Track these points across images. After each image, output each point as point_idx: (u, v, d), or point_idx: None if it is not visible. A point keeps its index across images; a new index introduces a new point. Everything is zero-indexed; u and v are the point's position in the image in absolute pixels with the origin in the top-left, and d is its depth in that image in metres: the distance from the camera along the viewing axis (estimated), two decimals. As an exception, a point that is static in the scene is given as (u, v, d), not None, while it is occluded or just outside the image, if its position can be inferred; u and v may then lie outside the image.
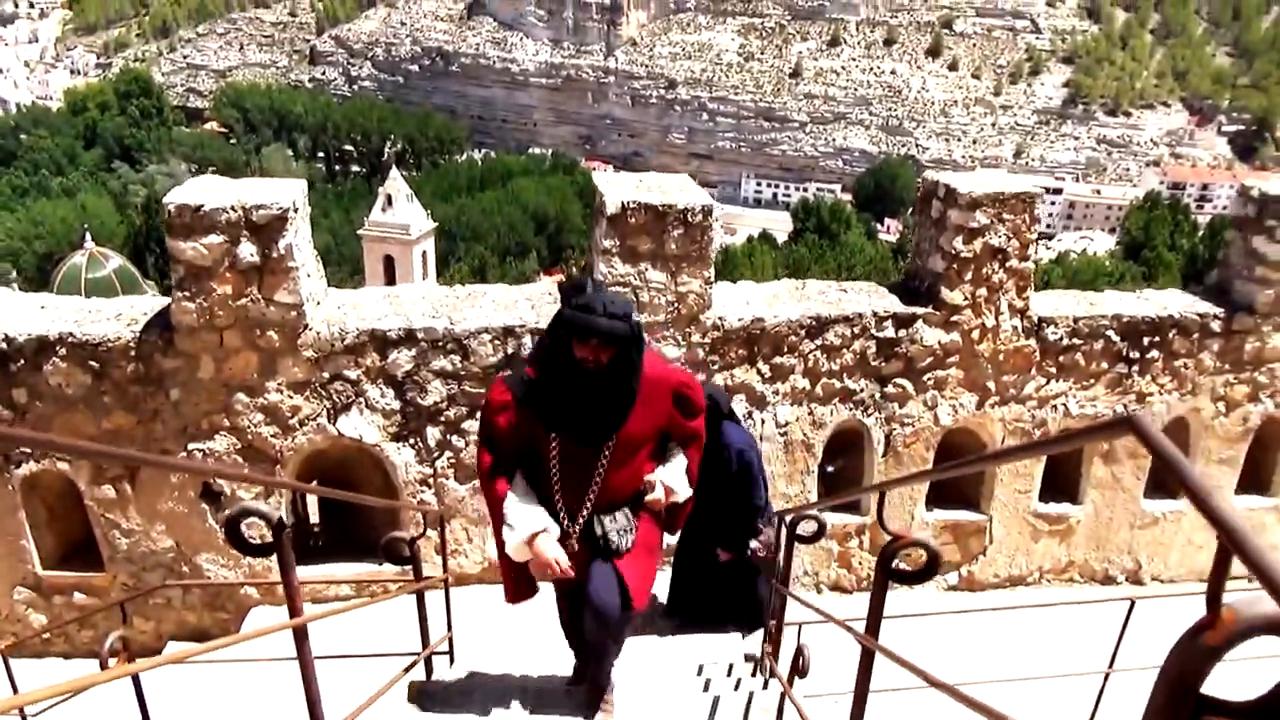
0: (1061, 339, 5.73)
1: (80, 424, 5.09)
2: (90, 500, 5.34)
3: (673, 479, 3.36)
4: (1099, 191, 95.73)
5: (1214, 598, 0.97)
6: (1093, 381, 5.85)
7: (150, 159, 78.08)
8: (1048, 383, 5.83)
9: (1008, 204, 5.39)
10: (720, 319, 5.37)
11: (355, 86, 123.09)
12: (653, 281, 5.20)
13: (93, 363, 4.98)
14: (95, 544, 5.50)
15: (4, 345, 4.92)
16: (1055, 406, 5.88)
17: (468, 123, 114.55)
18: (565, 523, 3.31)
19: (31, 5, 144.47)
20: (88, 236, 26.44)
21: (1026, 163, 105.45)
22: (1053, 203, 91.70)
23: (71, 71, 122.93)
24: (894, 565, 2.46)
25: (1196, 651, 0.97)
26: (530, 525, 3.23)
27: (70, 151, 76.16)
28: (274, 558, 2.44)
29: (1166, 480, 6.24)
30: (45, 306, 5.25)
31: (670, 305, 5.26)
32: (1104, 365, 5.82)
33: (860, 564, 6.09)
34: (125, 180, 71.86)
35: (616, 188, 5.24)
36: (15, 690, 3.52)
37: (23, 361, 4.96)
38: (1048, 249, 63.74)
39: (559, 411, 3.15)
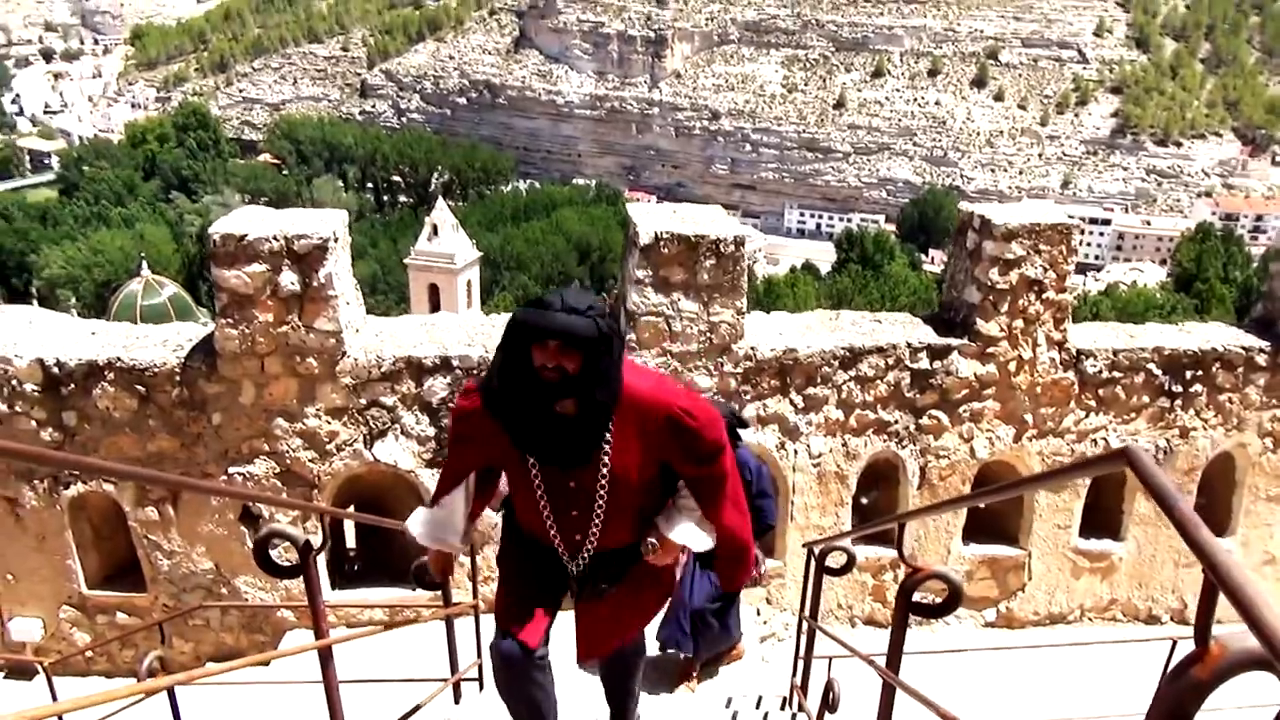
0: (1101, 372, 5.65)
1: (126, 447, 5.23)
2: (134, 521, 5.47)
3: (679, 533, 2.78)
4: (1149, 222, 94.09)
5: (1202, 631, 0.97)
6: (1134, 415, 5.75)
7: (206, 190, 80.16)
8: (1087, 416, 5.74)
9: (1044, 235, 5.34)
10: (753, 349, 5.37)
11: (404, 119, 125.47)
12: (685, 311, 5.23)
13: (139, 387, 5.12)
14: (138, 565, 5.62)
15: (56, 370, 5.08)
16: (1095, 440, 5.78)
17: (513, 154, 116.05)
18: (566, 560, 2.81)
19: (96, 42, 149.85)
20: (144, 265, 27.24)
21: (1074, 193, 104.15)
22: (1101, 234, 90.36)
23: (132, 105, 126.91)
24: (916, 599, 2.45)
25: (1186, 685, 0.97)
26: (429, 534, 2.94)
27: (130, 182, 78.48)
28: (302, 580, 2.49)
29: (1213, 518, 6.10)
30: (95, 333, 5.42)
31: (703, 335, 5.28)
32: (1145, 399, 5.72)
33: (894, 598, 6.00)
34: (181, 210, 73.82)
35: (650, 218, 5.30)
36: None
37: (73, 385, 5.11)
38: (1096, 280, 62.79)
39: (524, 429, 2.59)
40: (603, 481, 2.63)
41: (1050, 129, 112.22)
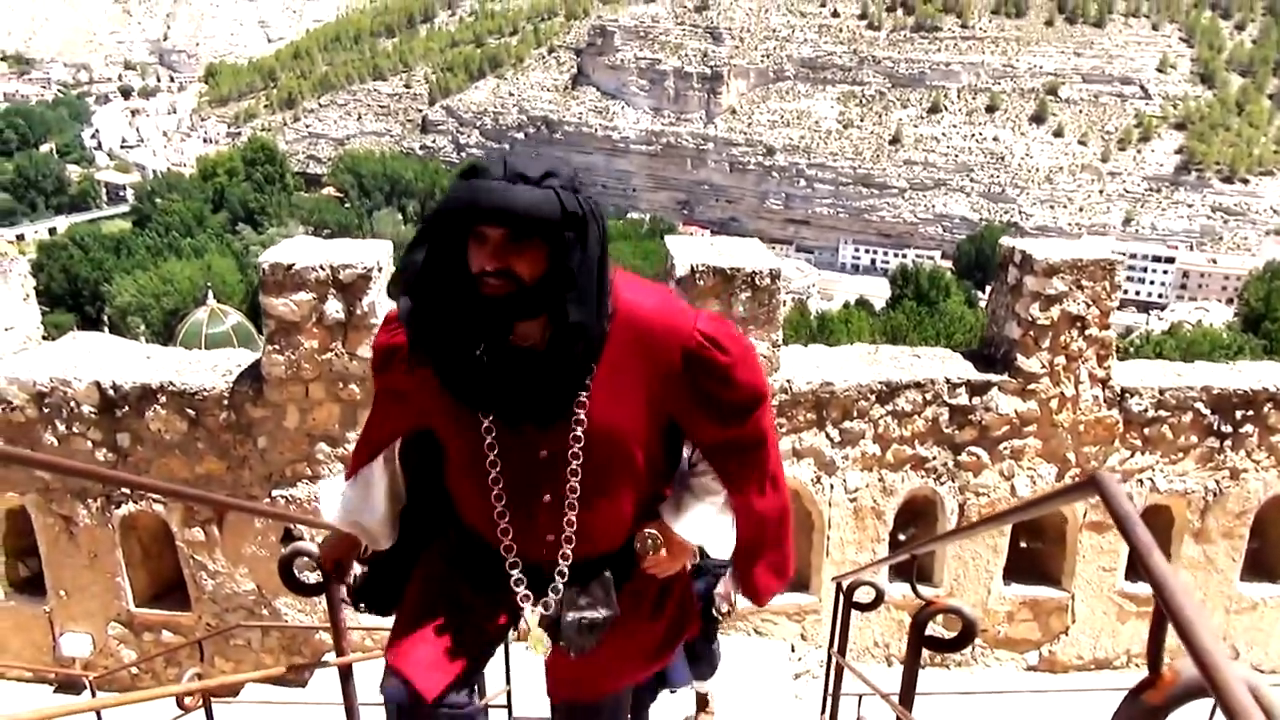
0: (1146, 410, 5.53)
1: (176, 468, 5.39)
2: (181, 541, 5.62)
3: (693, 527, 1.97)
4: (1215, 260, 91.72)
5: (1154, 657, 0.97)
6: (1181, 455, 5.62)
7: (271, 222, 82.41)
8: (1132, 455, 5.62)
9: (1086, 270, 5.28)
10: (788, 382, 5.37)
11: (463, 154, 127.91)
12: (720, 343, 5.25)
13: (190, 410, 5.29)
14: (184, 584, 5.77)
15: (112, 392, 5.28)
16: (1141, 481, 5.66)
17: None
18: (519, 594, 1.92)
19: (172, 80, 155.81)
20: (210, 294, 28.08)
21: (1136, 230, 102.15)
22: (1165, 272, 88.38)
23: (204, 140, 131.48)
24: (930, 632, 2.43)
25: (1139, 711, 0.97)
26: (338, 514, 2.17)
27: (199, 214, 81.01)
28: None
29: (1267, 562, 5.91)
30: (150, 357, 5.62)
31: (738, 367, 5.29)
32: (1193, 439, 5.59)
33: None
34: (247, 241, 75.92)
35: (686, 250, 5.35)
36: None
37: (127, 408, 5.30)
38: (1160, 319, 61.30)
39: (461, 371, 1.75)
40: (580, 448, 1.81)
41: (1112, 165, 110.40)
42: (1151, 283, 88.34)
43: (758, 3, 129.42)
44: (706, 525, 2.00)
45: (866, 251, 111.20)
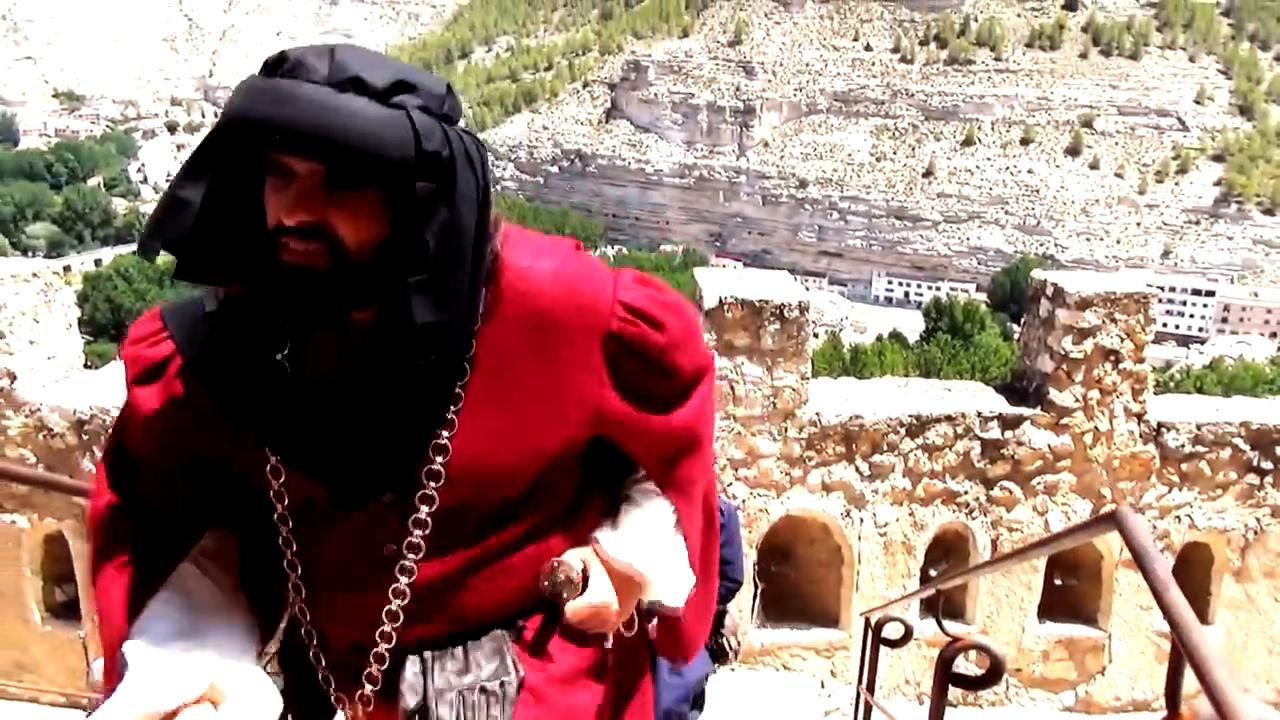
0: (1183, 445, 5.44)
1: (209, 496, 5.46)
2: (213, 568, 5.68)
3: (641, 546, 1.31)
4: (1256, 294, 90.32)
5: (1172, 696, 0.96)
6: (1220, 492, 5.51)
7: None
8: (1170, 491, 5.52)
9: (1119, 304, 5.23)
10: (817, 414, 5.35)
11: (498, 186, 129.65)
12: (749, 375, 5.26)
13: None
14: (215, 611, 5.82)
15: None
16: (1179, 518, 5.55)
17: (602, 220, 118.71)
18: (326, 679, 1.32)
19: (216, 115, 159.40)
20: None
21: (1175, 263, 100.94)
22: (1205, 305, 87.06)
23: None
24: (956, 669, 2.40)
25: (1157, 751, 0.96)
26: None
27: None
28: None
29: (1311, 604, 5.76)
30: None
31: (766, 399, 5.29)
32: (1232, 475, 5.48)
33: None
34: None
35: (714, 282, 5.38)
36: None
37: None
38: (1200, 353, 60.30)
39: (251, 399, 1.17)
40: (421, 505, 1.19)
41: (1149, 198, 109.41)
42: (1191, 316, 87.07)
43: (790, 37, 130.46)
44: (658, 544, 1.32)
45: (900, 284, 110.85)
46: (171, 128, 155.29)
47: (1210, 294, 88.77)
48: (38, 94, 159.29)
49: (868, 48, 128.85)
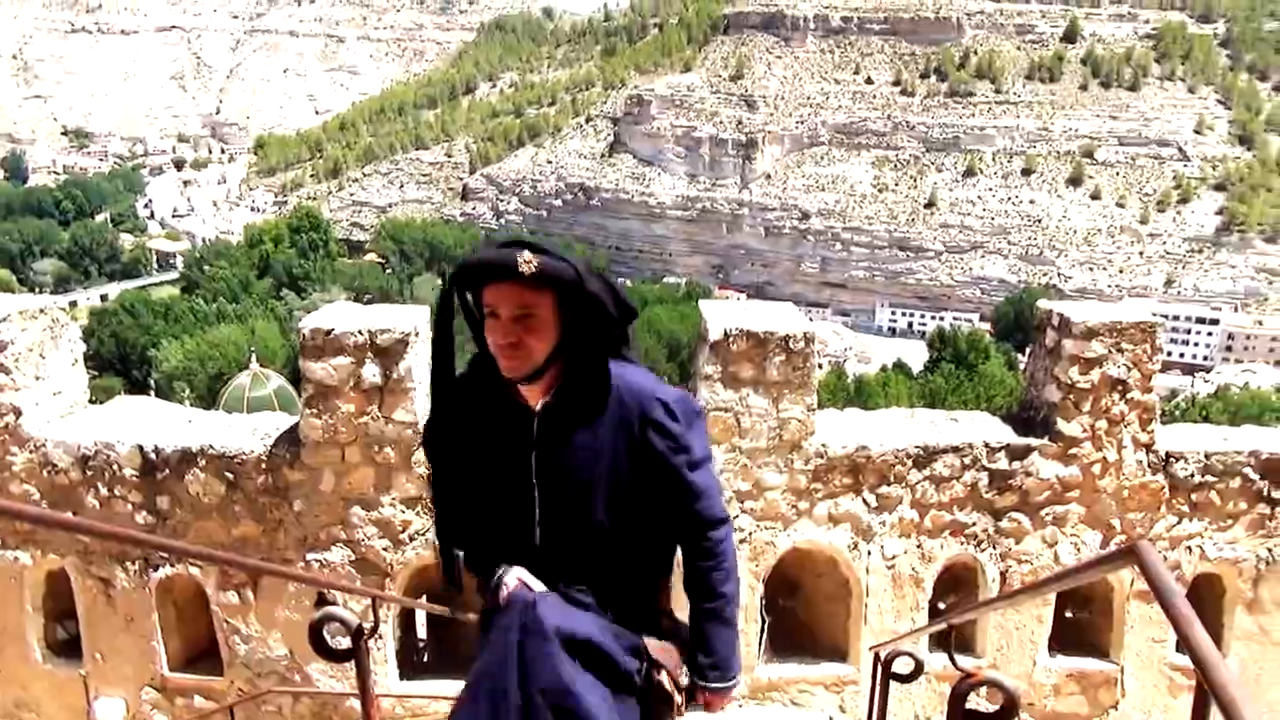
0: (1192, 475, 5.40)
1: (213, 531, 5.43)
2: (216, 605, 5.64)
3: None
4: (1260, 322, 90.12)
5: (1195, 735, 0.93)
6: (1230, 522, 5.46)
7: (315, 287, 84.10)
8: (1180, 522, 5.47)
9: (1126, 333, 5.21)
10: (824, 446, 5.32)
11: (502, 220, 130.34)
12: (754, 407, 5.23)
13: (228, 473, 5.35)
14: (217, 649, 5.76)
15: (153, 455, 5.36)
16: (1190, 548, 5.49)
17: (606, 253, 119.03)
18: None
19: (223, 151, 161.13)
20: (253, 358, 28.58)
21: (1178, 291, 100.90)
22: (1209, 334, 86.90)
23: (252, 209, 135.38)
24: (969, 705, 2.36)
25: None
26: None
27: (245, 280, 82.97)
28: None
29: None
30: (192, 421, 5.71)
31: (772, 431, 5.26)
32: (1242, 505, 5.43)
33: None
34: (291, 306, 77.45)
35: (720, 314, 5.37)
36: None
37: (168, 471, 5.37)
38: (1206, 381, 60.10)
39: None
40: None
41: (1151, 227, 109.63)
42: (1196, 344, 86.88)
43: (791, 71, 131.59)
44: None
45: (903, 314, 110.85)
46: (179, 164, 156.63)
47: (1215, 322, 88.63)
48: (47, 132, 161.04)
49: (869, 81, 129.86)
